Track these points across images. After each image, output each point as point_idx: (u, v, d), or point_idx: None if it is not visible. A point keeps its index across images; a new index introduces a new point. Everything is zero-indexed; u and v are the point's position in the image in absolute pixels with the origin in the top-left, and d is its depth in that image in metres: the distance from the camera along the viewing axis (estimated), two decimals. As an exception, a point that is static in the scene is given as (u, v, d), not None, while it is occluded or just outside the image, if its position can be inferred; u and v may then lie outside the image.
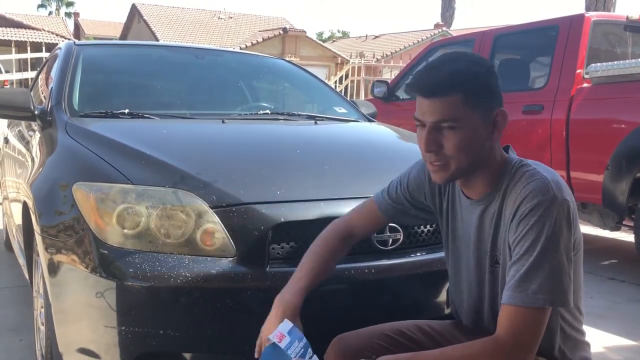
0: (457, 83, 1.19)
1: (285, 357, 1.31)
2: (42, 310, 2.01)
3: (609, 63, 3.84)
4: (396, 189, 1.52)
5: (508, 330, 1.15)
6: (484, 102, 1.22)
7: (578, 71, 4.02)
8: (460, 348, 1.20)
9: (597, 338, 2.70)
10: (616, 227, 3.93)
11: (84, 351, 1.69)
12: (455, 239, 1.42)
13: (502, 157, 1.30)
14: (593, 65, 3.92)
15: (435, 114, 1.21)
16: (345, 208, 1.80)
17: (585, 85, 3.99)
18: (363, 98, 11.66)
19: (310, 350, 1.35)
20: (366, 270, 1.72)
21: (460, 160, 1.23)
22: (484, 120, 1.23)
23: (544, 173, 1.21)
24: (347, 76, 14.49)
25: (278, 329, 1.36)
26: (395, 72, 12.88)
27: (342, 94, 6.27)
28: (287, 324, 1.37)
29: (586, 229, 5.04)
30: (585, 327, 1.37)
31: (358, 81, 14.23)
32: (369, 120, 3.08)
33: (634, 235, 3.78)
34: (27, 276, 2.50)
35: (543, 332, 1.16)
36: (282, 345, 1.32)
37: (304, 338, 1.37)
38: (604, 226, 4.00)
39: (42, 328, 2.01)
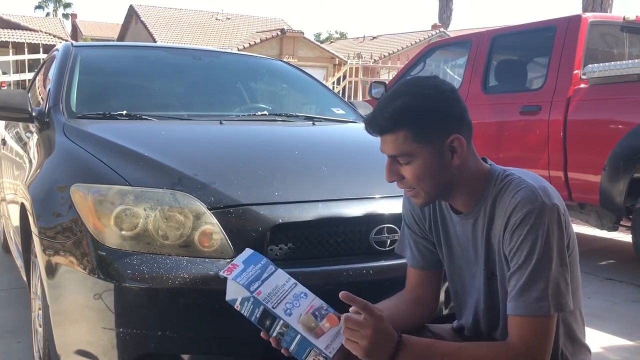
0: (399, 120, 1.22)
1: (240, 288, 1.27)
2: (40, 312, 2.00)
3: (606, 64, 3.85)
4: (408, 239, 1.51)
5: (520, 341, 1.17)
6: (431, 134, 1.22)
7: (575, 72, 4.03)
8: (477, 346, 1.22)
9: (595, 338, 2.70)
10: (614, 228, 3.93)
11: (81, 353, 1.69)
12: (452, 255, 1.42)
13: (481, 170, 1.30)
14: (590, 66, 3.92)
15: (389, 149, 1.26)
16: (343, 209, 1.81)
17: (582, 86, 4.00)
18: (361, 99, 11.66)
19: (271, 266, 1.31)
20: (364, 271, 1.73)
21: (424, 188, 1.26)
22: (438, 150, 1.23)
23: (530, 181, 1.22)
24: (344, 77, 14.49)
25: (233, 261, 1.33)
26: (393, 73, 12.89)
27: (340, 95, 6.27)
28: (246, 252, 1.35)
29: (584, 229, 5.05)
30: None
31: (356, 82, 14.24)
32: (367, 121, 3.08)
33: (631, 236, 3.78)
34: (24, 278, 2.49)
35: (553, 338, 1.18)
36: (231, 276, 1.28)
37: (264, 258, 1.33)
38: (602, 227, 4.00)
39: (40, 330, 2.01)
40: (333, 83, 14.35)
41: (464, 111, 1.26)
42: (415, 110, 1.21)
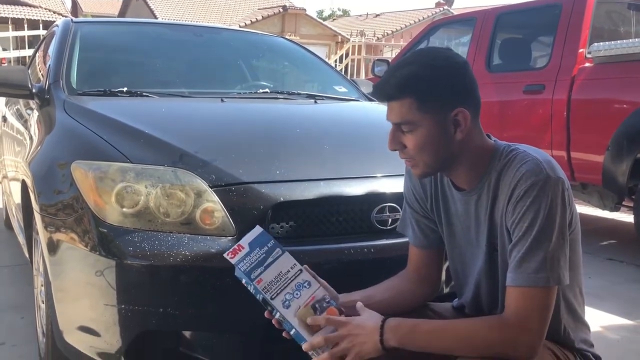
0: (406, 88, 1.21)
1: (242, 273, 1.25)
2: (42, 288, 2.01)
3: (612, 42, 3.80)
4: (409, 217, 1.50)
5: (515, 312, 1.16)
6: (437, 105, 1.22)
7: (580, 50, 3.99)
8: (467, 321, 1.22)
9: (595, 318, 2.72)
10: (616, 208, 3.93)
11: (84, 329, 1.70)
12: (452, 234, 1.41)
13: (485, 146, 1.28)
14: (596, 44, 3.88)
15: (393, 116, 1.25)
16: (344, 188, 1.80)
17: (587, 64, 3.96)
18: (363, 77, 11.59)
19: (278, 249, 1.28)
20: (365, 250, 1.73)
21: (424, 159, 1.25)
22: (442, 121, 1.22)
23: (535, 154, 1.22)
24: (347, 55, 14.39)
25: (240, 241, 1.29)
26: (396, 51, 12.79)
27: (343, 73, 6.22)
28: (255, 231, 1.30)
29: (586, 209, 5.05)
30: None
31: (358, 60, 14.14)
32: (370, 100, 3.06)
33: (633, 216, 3.78)
34: (26, 255, 2.51)
35: (551, 312, 1.17)
36: (234, 261, 1.26)
37: (271, 240, 1.29)
38: (604, 207, 4.00)
39: (43, 306, 2.02)
40: (335, 61, 14.26)
41: (473, 86, 1.26)
42: (423, 79, 1.21)
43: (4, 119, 3.82)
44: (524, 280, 1.15)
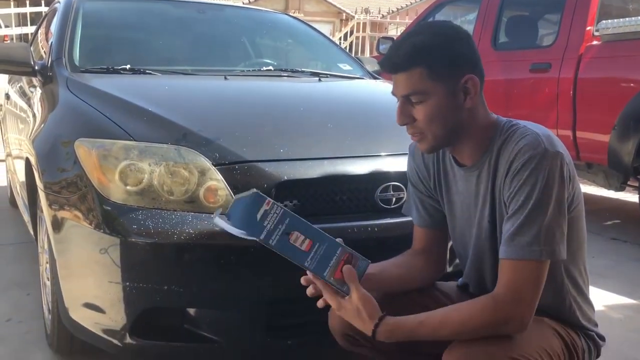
0: (416, 57, 1.21)
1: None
2: (48, 265, 2.03)
3: (621, 20, 3.75)
4: (413, 198, 1.50)
5: (506, 285, 1.16)
6: (448, 72, 1.22)
7: (588, 28, 3.93)
8: (461, 308, 1.21)
9: (598, 297, 2.72)
10: (621, 188, 3.91)
11: (89, 306, 1.72)
12: (454, 212, 1.41)
13: (488, 120, 1.29)
14: (604, 22, 3.82)
15: (402, 88, 1.24)
16: (348, 166, 1.79)
17: (595, 42, 3.91)
18: (368, 55, 11.50)
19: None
20: (369, 229, 1.72)
21: (433, 130, 1.25)
22: (452, 89, 1.22)
23: (535, 129, 1.22)
24: (352, 32, 14.24)
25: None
26: (401, 29, 12.66)
27: (347, 50, 6.16)
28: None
29: (590, 189, 5.03)
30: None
31: (363, 38, 14.00)
32: (374, 78, 3.04)
33: (638, 196, 3.77)
34: (31, 232, 2.52)
35: (542, 287, 1.17)
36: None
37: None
38: (609, 186, 3.98)
39: (48, 283, 2.04)
40: (340, 38, 14.12)
41: (479, 58, 1.27)
42: (433, 47, 1.21)
43: (7, 96, 3.81)
44: (516, 253, 1.15)
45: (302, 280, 1.27)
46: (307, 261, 1.18)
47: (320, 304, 1.26)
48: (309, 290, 1.27)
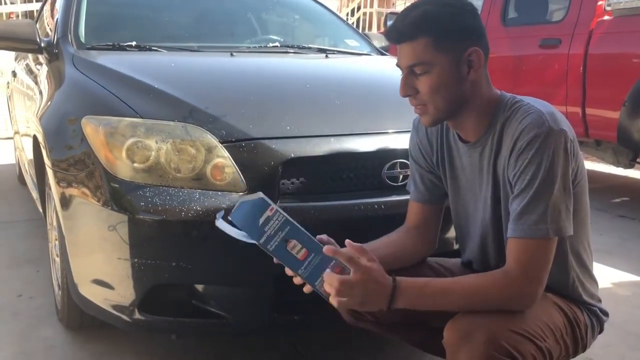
0: (421, 27, 1.21)
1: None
2: (57, 242, 2.04)
3: (633, -6, 3.69)
4: (413, 173, 1.50)
5: (516, 263, 1.17)
6: (453, 43, 1.22)
7: (599, 3, 3.87)
8: (473, 278, 1.22)
9: (605, 274, 2.73)
10: (630, 165, 3.90)
11: (98, 282, 1.73)
12: (457, 188, 1.41)
13: (491, 95, 1.29)
14: (616, -4, 3.76)
15: (407, 58, 1.24)
16: (355, 144, 1.79)
17: (606, 17, 3.85)
18: (375, 31, 11.38)
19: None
20: (376, 206, 1.72)
21: (436, 102, 1.25)
22: (456, 61, 1.22)
23: (538, 107, 1.21)
24: (359, 8, 14.08)
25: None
26: (409, 4, 12.47)
27: (354, 26, 6.09)
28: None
29: (599, 166, 5.01)
30: (593, 264, 1.38)
31: (371, 13, 13.84)
32: (382, 54, 3.01)
33: (647, 173, 3.75)
34: (40, 209, 2.54)
35: (550, 263, 1.18)
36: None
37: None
38: (618, 164, 3.96)
39: (57, 259, 2.06)
40: (347, 14, 13.97)
41: (484, 31, 1.26)
42: (439, 18, 1.21)
43: (14, 74, 3.81)
44: (524, 232, 1.17)
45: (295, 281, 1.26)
46: (300, 269, 1.20)
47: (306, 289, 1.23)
48: (306, 288, 1.23)
